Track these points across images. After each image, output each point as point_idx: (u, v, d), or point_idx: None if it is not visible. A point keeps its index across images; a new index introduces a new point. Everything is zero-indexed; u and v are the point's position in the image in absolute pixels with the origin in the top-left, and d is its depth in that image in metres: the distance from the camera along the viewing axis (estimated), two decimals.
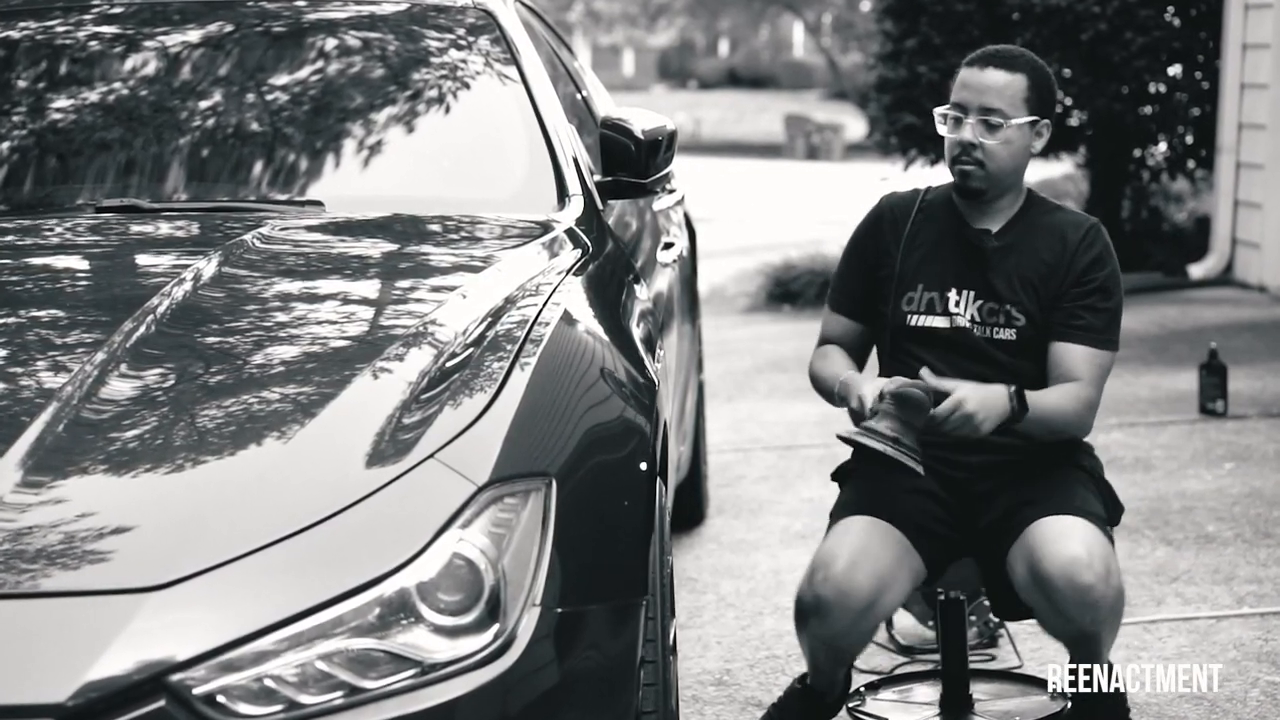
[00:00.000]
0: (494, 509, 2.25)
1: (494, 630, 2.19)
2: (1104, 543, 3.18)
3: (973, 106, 3.30)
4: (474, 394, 2.42)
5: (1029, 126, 3.31)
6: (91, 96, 3.73)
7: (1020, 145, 3.31)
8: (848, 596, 3.16)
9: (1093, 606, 3.12)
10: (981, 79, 3.31)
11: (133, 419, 2.35)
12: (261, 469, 2.27)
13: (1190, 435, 6.48)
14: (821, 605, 3.18)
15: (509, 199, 3.49)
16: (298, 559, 2.15)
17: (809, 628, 3.23)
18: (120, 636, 2.05)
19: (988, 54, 3.35)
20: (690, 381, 4.99)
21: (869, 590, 3.17)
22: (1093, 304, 3.31)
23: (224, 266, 2.89)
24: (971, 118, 3.30)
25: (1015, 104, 3.29)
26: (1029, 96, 3.30)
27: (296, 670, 2.10)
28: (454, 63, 3.82)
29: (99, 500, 2.21)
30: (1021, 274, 3.31)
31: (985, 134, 3.29)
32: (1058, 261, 3.32)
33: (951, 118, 3.32)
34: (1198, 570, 4.72)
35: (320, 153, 3.60)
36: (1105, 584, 3.12)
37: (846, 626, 3.19)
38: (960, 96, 3.32)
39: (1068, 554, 3.12)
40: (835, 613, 3.17)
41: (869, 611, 3.19)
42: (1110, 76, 10.65)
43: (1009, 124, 3.28)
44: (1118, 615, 3.19)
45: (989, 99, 3.29)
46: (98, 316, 2.77)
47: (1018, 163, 3.33)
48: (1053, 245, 3.33)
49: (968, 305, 3.33)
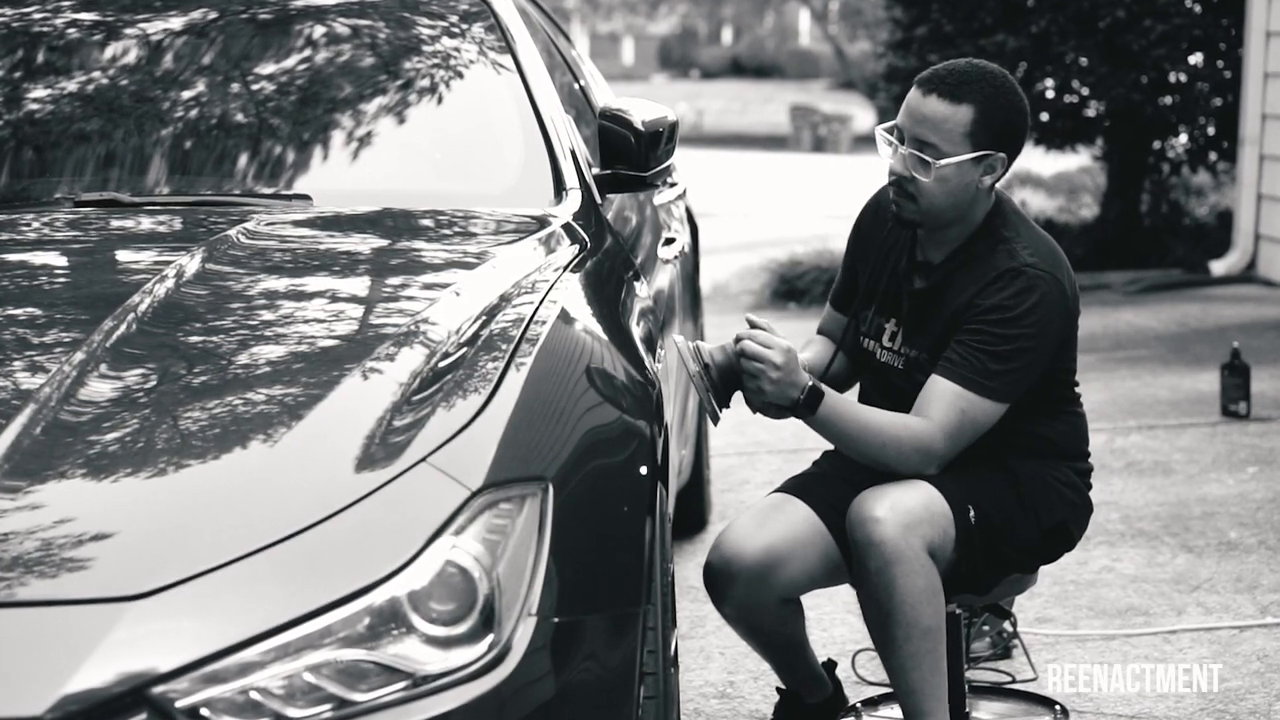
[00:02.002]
0: (488, 515, 2.25)
1: (488, 641, 2.19)
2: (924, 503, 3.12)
3: (909, 135, 3.15)
4: (468, 395, 2.42)
5: (973, 163, 3.13)
6: (70, 86, 3.73)
7: (960, 182, 3.14)
8: (731, 563, 3.24)
9: (877, 544, 3.08)
10: (920, 107, 3.13)
11: (113, 421, 2.35)
12: (247, 473, 2.27)
13: (1212, 438, 6.48)
14: (710, 574, 3.29)
15: (504, 193, 3.49)
16: (284, 567, 2.15)
17: (714, 603, 3.32)
18: (100, 647, 2.05)
19: (937, 76, 3.15)
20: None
21: (756, 558, 3.23)
22: (972, 342, 3.13)
23: (208, 263, 2.89)
24: (905, 148, 3.15)
25: (953, 139, 3.11)
26: (972, 131, 3.11)
27: (283, 682, 2.09)
28: (447, 51, 3.82)
29: (78, 506, 2.21)
30: (939, 320, 3.23)
31: (917, 169, 3.14)
32: (965, 302, 3.18)
33: (891, 141, 3.18)
34: (1220, 579, 4.72)
35: (308, 145, 3.60)
36: (893, 526, 3.07)
37: (740, 595, 3.26)
38: (901, 120, 3.17)
39: (871, 495, 3.14)
40: (721, 579, 3.27)
41: (761, 581, 3.23)
42: (1129, 65, 10.66)
43: (940, 163, 3.12)
44: (911, 589, 3.09)
45: (923, 131, 3.12)
46: (76, 315, 2.77)
47: (956, 199, 3.16)
48: (968, 285, 3.19)
49: (896, 339, 3.31)
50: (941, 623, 3.17)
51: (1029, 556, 3.34)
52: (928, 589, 3.12)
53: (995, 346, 3.13)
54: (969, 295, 3.17)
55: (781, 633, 3.36)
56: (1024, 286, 3.14)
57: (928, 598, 3.13)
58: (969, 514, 3.20)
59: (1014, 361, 3.13)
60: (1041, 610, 4.46)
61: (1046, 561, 3.38)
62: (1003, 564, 3.30)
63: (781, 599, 3.29)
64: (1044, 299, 3.15)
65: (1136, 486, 5.73)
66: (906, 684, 3.19)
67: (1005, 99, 3.15)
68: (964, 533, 3.19)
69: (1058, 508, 3.30)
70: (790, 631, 3.37)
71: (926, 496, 3.15)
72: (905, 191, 3.18)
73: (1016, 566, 3.34)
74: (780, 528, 3.27)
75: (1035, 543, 3.31)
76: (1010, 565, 3.32)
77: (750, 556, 3.23)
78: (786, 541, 3.25)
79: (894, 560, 3.10)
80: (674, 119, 3.69)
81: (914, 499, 3.14)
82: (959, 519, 3.18)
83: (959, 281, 3.21)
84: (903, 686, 3.20)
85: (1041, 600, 4.51)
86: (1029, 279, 3.15)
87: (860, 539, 3.13)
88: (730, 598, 3.28)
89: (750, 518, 3.30)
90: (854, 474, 3.29)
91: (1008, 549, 3.27)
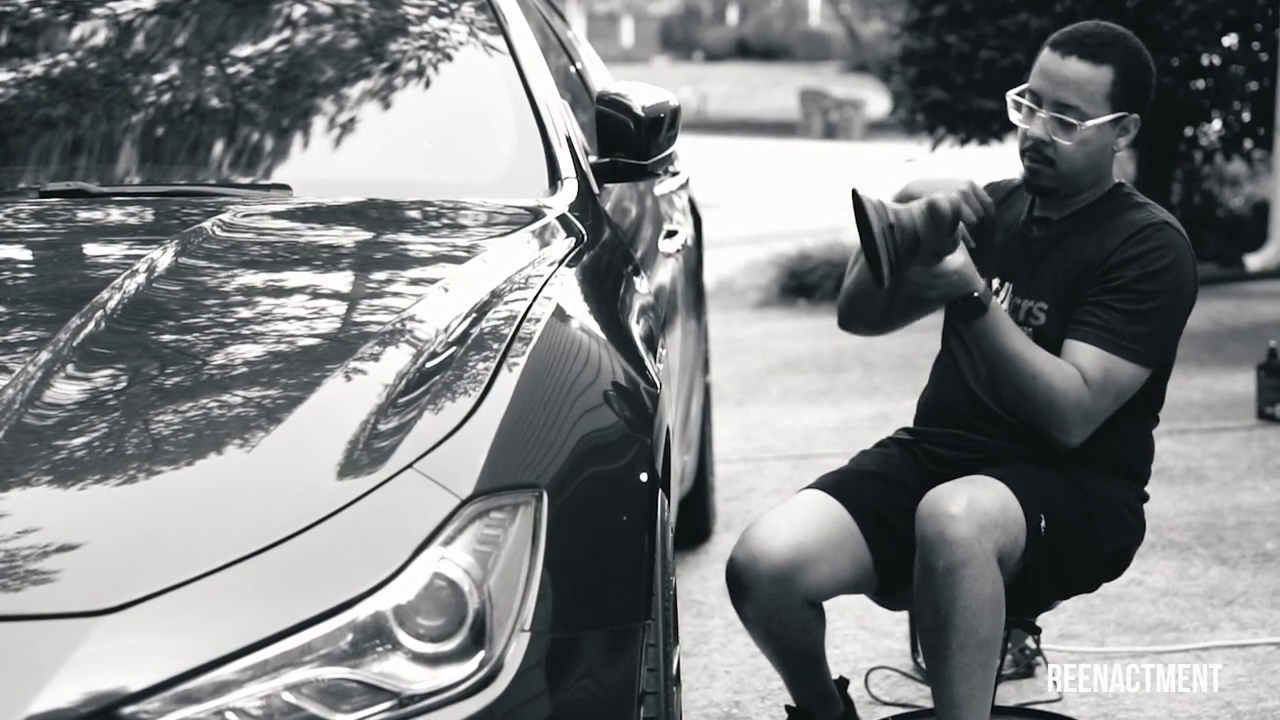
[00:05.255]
0: (479, 524, 2.25)
1: (479, 658, 2.19)
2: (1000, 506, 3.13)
3: (1048, 99, 3.24)
4: (457, 398, 2.42)
5: (1112, 124, 3.25)
6: (35, 69, 3.73)
7: (1099, 145, 3.25)
8: (757, 560, 3.23)
9: (950, 543, 3.08)
10: (1061, 69, 3.23)
11: (80, 425, 2.35)
12: (222, 480, 2.27)
13: (1247, 443, 6.49)
14: (733, 570, 3.28)
15: (495, 182, 3.49)
16: (262, 580, 2.15)
17: (734, 602, 3.31)
18: (66, 665, 2.05)
19: (1074, 38, 3.25)
20: (695, 384, 5.00)
21: (783, 558, 3.22)
22: (1111, 303, 3.21)
23: (181, 257, 2.89)
24: (1044, 111, 3.24)
25: (1096, 101, 3.22)
26: (1113, 92, 3.23)
27: (261, 702, 2.10)
28: (435, 32, 3.82)
29: (43, 515, 2.21)
30: (1059, 269, 3.29)
31: (1058, 132, 3.23)
32: (1095, 257, 3.25)
33: (1025, 106, 3.26)
34: (1255, 592, 4.73)
35: (287, 132, 3.61)
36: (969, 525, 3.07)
37: (763, 595, 3.25)
38: (1036, 84, 3.25)
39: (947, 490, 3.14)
40: (746, 576, 3.25)
41: (786, 582, 3.23)
42: (1159, 47, 10.66)
43: (1085, 125, 3.22)
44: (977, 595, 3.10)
45: (1066, 94, 3.22)
46: (41, 312, 2.77)
47: (1094, 162, 3.27)
48: (1101, 241, 3.27)
49: (1006, 298, 3.34)
50: (999, 637, 3.18)
51: (1087, 580, 3.35)
52: (993, 598, 3.12)
53: (1137, 305, 3.20)
54: (1106, 250, 3.24)
55: (801, 641, 3.35)
56: (1165, 242, 3.24)
57: (991, 608, 3.12)
58: (1040, 524, 3.21)
59: (1155, 321, 3.21)
60: (1066, 626, 4.46)
61: (1096, 587, 3.40)
62: (1063, 583, 3.32)
63: (806, 602, 3.28)
64: (1180, 259, 3.25)
65: (1167, 494, 5.73)
66: (952, 697, 3.17)
67: (1142, 59, 3.28)
68: (1033, 544, 3.20)
69: (1120, 531, 3.32)
70: (810, 641, 3.37)
71: (1003, 500, 3.16)
72: (1043, 157, 3.26)
73: (1073, 588, 3.36)
74: (812, 526, 3.27)
75: (1096, 564, 3.32)
76: (1069, 586, 3.34)
77: (778, 554, 3.23)
78: (817, 541, 3.25)
79: (964, 562, 3.09)
80: (676, 104, 3.69)
81: (991, 500, 3.14)
82: (1030, 528, 3.19)
83: (1086, 236, 3.29)
84: (947, 699, 3.18)
85: (1066, 616, 4.51)
86: (1169, 236, 3.25)
87: (931, 535, 3.12)
88: (753, 597, 3.27)
89: (780, 514, 3.30)
90: (895, 472, 3.31)
91: (1072, 566, 3.27)
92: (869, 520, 3.30)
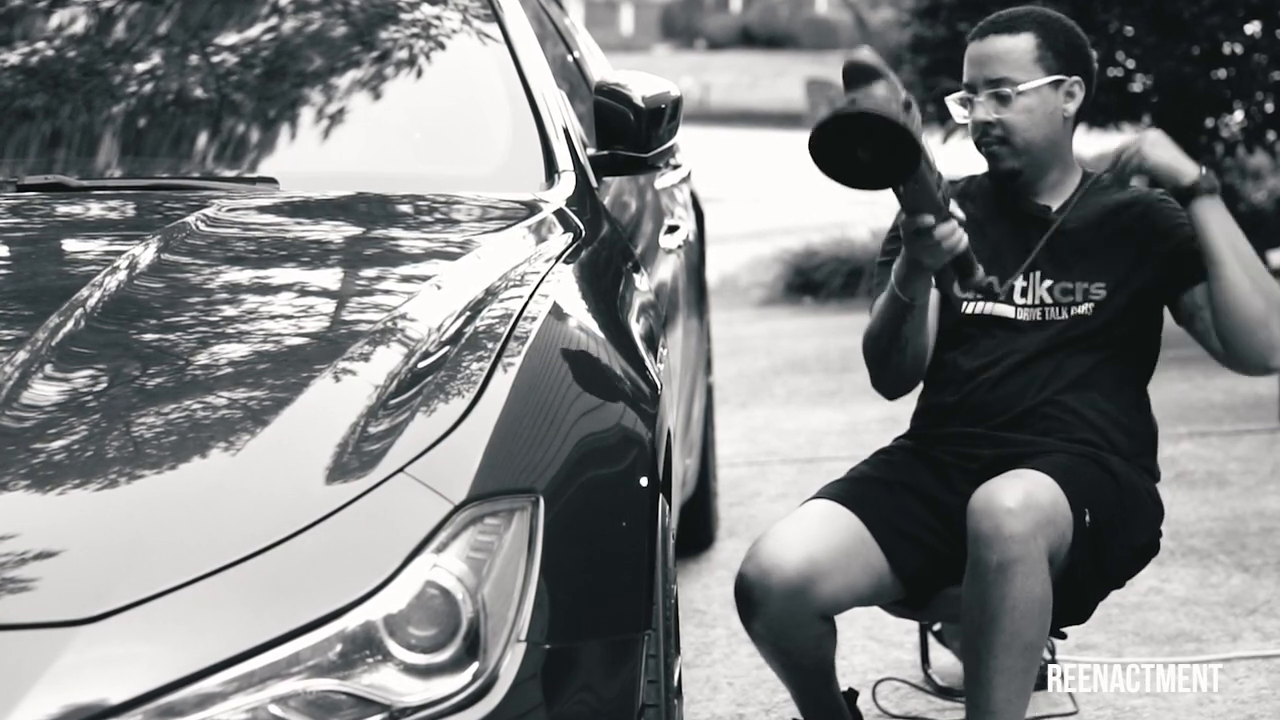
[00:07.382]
0: (473, 531, 2.25)
1: (473, 670, 2.19)
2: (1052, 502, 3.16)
3: (980, 82, 3.43)
4: (450, 399, 2.42)
5: (1051, 88, 3.41)
6: (11, 58, 3.73)
7: (1045, 111, 3.41)
8: (769, 574, 3.23)
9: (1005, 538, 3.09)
10: (982, 50, 3.44)
11: (60, 428, 2.35)
12: (207, 485, 2.27)
13: (1271, 446, 6.49)
14: (743, 586, 3.27)
15: (490, 176, 3.50)
16: (248, 588, 2.15)
17: (742, 618, 3.31)
18: (45, 677, 2.05)
19: (988, 21, 3.48)
20: (698, 385, 5.00)
21: (796, 571, 3.22)
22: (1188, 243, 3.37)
23: (163, 253, 2.89)
24: (982, 94, 3.42)
25: (1024, 66, 3.40)
26: (1040, 55, 3.41)
27: (247, 715, 2.10)
28: (427, 19, 3.82)
29: (20, 521, 2.21)
30: (1094, 244, 3.39)
31: (999, 108, 3.41)
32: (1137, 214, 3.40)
33: (964, 100, 3.45)
34: (1279, 601, 4.73)
35: (274, 123, 3.61)
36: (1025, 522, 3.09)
37: (775, 611, 3.23)
38: (968, 76, 3.46)
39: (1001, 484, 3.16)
40: (756, 591, 3.24)
41: (800, 597, 3.22)
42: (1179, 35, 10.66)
43: (1020, 89, 3.39)
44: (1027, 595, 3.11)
45: (994, 69, 3.42)
46: (19, 310, 2.77)
47: (1047, 130, 3.42)
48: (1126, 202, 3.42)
49: (1032, 288, 3.39)
50: (1043, 644, 3.19)
51: (1121, 575, 3.38)
52: (1042, 600, 3.13)
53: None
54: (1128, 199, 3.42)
55: (813, 655, 3.35)
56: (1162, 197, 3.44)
57: (1038, 610, 3.13)
58: (1085, 518, 3.22)
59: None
60: (1082, 636, 4.46)
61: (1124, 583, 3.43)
62: (1104, 579, 3.34)
63: (820, 616, 3.28)
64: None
65: (1188, 499, 5.73)
66: (988, 701, 3.16)
67: (1060, 22, 3.46)
68: (1079, 539, 3.21)
69: (1151, 519, 3.39)
70: (822, 655, 3.37)
71: (1055, 496, 3.18)
72: (995, 138, 3.42)
73: (1111, 584, 3.38)
74: (824, 536, 3.27)
75: (1129, 557, 3.36)
76: (1108, 582, 3.37)
77: (791, 568, 3.22)
78: (830, 552, 3.26)
79: (1018, 559, 3.10)
80: (677, 94, 3.69)
81: (1045, 496, 3.16)
82: (1076, 523, 3.21)
83: (1096, 209, 3.44)
84: (982, 703, 3.17)
85: (1082, 625, 4.51)
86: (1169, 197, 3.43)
87: (986, 531, 3.11)
88: (764, 613, 3.26)
89: (792, 526, 3.31)
90: (900, 476, 3.31)
91: (1110, 561, 3.30)
92: (882, 530, 3.30)
